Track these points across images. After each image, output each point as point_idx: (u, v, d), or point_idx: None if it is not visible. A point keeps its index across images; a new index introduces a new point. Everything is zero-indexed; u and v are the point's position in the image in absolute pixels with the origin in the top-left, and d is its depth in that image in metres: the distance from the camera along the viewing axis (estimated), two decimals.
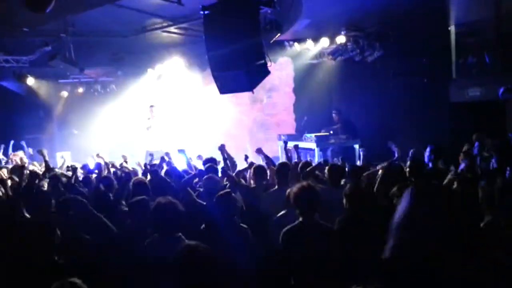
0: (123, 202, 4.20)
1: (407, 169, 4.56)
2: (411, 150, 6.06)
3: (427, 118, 9.07)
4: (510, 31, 8.26)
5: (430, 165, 5.67)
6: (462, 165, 5.41)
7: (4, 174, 5.75)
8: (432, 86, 9.32)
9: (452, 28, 8.95)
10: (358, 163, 7.10)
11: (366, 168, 5.34)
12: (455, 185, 3.82)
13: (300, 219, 3.19)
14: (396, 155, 6.09)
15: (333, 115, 9.85)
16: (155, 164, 6.29)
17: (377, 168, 5.28)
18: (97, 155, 7.01)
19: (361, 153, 6.99)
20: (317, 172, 4.96)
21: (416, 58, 9.28)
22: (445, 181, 4.37)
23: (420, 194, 1.30)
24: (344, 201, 3.47)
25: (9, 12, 7.28)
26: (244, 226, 3.49)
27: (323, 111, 10.27)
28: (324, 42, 9.58)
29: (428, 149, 6.07)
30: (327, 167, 4.73)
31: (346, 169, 4.95)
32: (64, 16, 7.94)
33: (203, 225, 3.54)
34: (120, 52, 10.90)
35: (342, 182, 4.55)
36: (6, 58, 9.97)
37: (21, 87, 10.56)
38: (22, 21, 8.07)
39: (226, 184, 4.77)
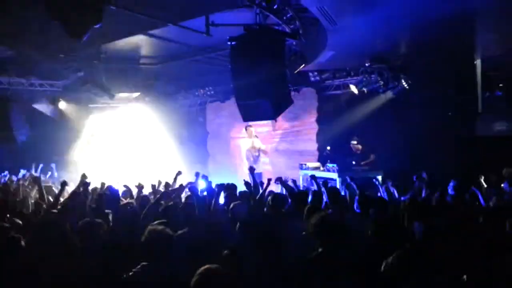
0: None
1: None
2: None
3: (452, 152, 8.93)
4: None
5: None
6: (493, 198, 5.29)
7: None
8: (458, 120, 9.21)
9: (478, 62, 8.91)
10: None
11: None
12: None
13: (320, 249, 3.17)
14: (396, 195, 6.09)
15: (354, 142, 9.78)
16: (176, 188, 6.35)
17: None
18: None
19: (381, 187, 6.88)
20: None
21: (441, 91, 9.24)
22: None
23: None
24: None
25: (47, 39, 7.70)
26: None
27: (346, 141, 10.24)
28: (348, 73, 9.69)
29: (451, 184, 5.98)
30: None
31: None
32: (98, 44, 8.32)
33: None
34: (148, 79, 11.30)
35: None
36: (41, 82, 10.45)
37: (53, 111, 10.99)
38: (58, 48, 8.51)
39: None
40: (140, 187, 6.32)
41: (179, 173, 6.84)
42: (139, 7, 6.42)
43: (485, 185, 6.26)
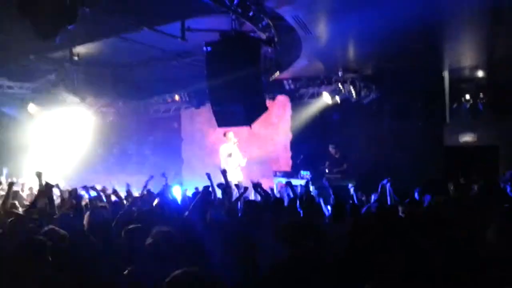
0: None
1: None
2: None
3: (422, 160, 9.19)
4: (502, 78, 8.55)
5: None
6: None
7: None
8: (426, 129, 9.50)
9: (445, 74, 9.24)
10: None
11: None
12: None
13: (288, 255, 3.18)
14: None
15: (331, 149, 9.93)
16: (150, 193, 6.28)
17: None
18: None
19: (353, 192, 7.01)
20: None
21: (410, 101, 9.53)
22: None
23: None
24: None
25: (17, 39, 7.49)
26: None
27: (319, 150, 10.38)
28: (322, 82, 9.86)
29: (416, 191, 6.17)
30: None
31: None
32: (71, 45, 8.16)
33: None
34: (121, 83, 11.13)
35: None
36: (10, 85, 10.13)
37: (22, 113, 10.67)
38: (29, 49, 8.29)
39: None
40: (112, 192, 6.20)
41: (150, 177, 6.74)
42: (114, 10, 6.35)
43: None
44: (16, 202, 5.80)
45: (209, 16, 6.78)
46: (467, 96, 9.22)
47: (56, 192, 6.00)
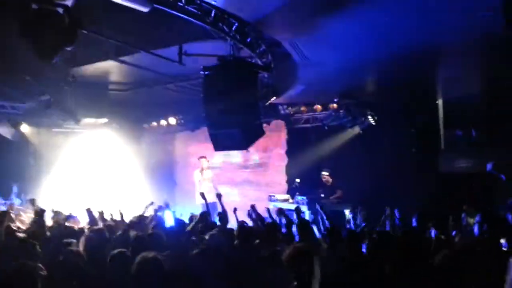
0: None
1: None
2: None
3: (417, 186, 9.16)
4: (496, 106, 8.63)
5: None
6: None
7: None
8: (421, 156, 9.52)
9: (440, 102, 9.34)
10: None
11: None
12: None
13: (295, 283, 3.10)
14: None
15: (323, 174, 9.88)
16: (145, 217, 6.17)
17: None
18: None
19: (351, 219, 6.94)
20: None
21: (405, 128, 9.58)
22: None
23: None
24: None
25: (13, 60, 7.48)
26: None
27: (314, 174, 10.34)
28: (317, 108, 9.92)
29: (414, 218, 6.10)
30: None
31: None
32: (68, 67, 8.16)
33: None
34: (116, 106, 11.10)
35: None
36: (2, 104, 10.05)
37: (14, 134, 10.54)
38: (25, 70, 8.26)
39: None
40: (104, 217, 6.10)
41: (151, 203, 6.69)
42: (111, 32, 6.39)
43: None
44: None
45: (206, 41, 6.85)
46: (461, 124, 9.29)
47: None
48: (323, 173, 9.84)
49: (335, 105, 9.46)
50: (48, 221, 6.16)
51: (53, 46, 4.08)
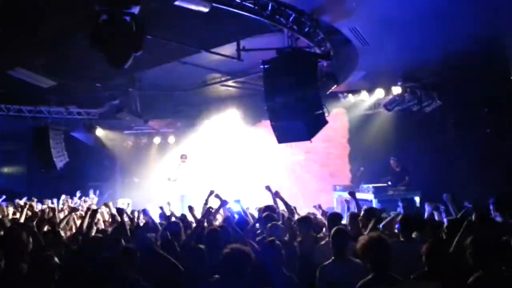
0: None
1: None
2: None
3: (490, 171, 8.59)
4: None
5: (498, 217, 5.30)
6: None
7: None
8: (496, 138, 8.89)
9: None
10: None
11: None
12: None
13: (372, 274, 3.06)
14: (427, 214, 5.83)
15: (392, 162, 9.59)
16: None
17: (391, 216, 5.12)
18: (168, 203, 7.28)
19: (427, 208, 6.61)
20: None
21: (476, 109, 8.98)
22: None
23: None
24: (423, 258, 3.18)
25: (85, 68, 8.03)
26: (288, 274, 3.56)
27: (379, 162, 10.06)
28: (380, 93, 9.59)
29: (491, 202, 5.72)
30: (399, 219, 4.49)
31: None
32: (134, 72, 8.59)
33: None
34: (180, 105, 11.54)
35: (414, 235, 4.32)
36: (79, 111, 10.85)
37: (90, 138, 11.34)
38: (96, 77, 8.84)
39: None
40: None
41: (211, 192, 6.72)
42: (173, 36, 6.64)
43: None
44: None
45: (262, 35, 6.90)
46: None
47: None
48: (392, 159, 9.56)
49: (399, 89, 9.07)
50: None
51: (123, 53, 4.32)
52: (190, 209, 6.17)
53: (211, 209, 5.75)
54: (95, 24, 4.28)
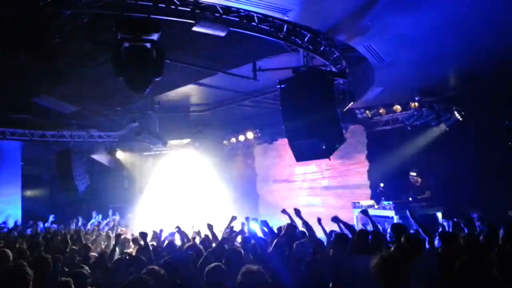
0: None
1: None
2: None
3: None
4: None
5: None
6: None
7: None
8: None
9: None
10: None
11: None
12: None
13: None
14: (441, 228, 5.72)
15: (411, 177, 9.40)
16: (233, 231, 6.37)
17: None
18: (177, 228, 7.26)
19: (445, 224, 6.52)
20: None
21: (497, 122, 8.83)
22: None
23: None
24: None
25: (107, 94, 8.25)
26: None
27: (399, 178, 9.93)
28: (397, 108, 9.55)
29: None
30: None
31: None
32: (154, 95, 8.78)
33: None
34: (197, 126, 11.71)
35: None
36: (100, 134, 11.10)
37: (111, 160, 11.55)
38: (117, 101, 9.06)
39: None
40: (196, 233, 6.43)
41: (233, 218, 6.80)
42: (191, 59, 6.80)
43: None
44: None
45: (277, 55, 7.00)
46: None
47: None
48: (412, 173, 9.39)
49: (416, 104, 9.02)
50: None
51: (144, 79, 4.45)
52: (210, 227, 6.23)
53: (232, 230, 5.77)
54: (116, 51, 4.44)
